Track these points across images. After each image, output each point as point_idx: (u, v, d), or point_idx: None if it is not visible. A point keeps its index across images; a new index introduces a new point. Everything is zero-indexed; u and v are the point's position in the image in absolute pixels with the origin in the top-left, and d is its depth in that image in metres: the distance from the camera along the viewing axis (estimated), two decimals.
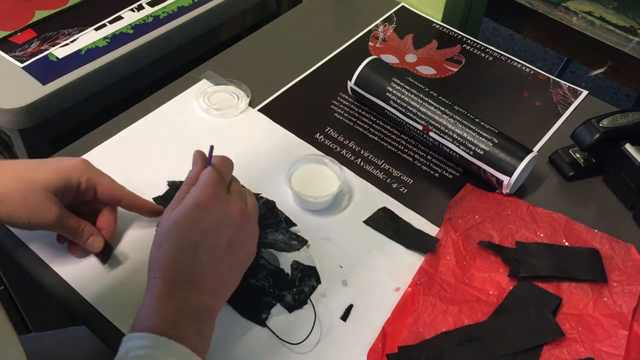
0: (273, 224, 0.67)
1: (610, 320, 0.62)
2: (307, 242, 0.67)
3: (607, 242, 0.69)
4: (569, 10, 0.96)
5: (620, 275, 0.66)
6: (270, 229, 0.67)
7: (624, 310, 0.63)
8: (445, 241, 0.68)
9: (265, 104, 0.83)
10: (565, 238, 0.69)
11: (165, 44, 0.93)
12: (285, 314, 0.61)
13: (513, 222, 0.71)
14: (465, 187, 0.74)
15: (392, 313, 0.62)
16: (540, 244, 0.68)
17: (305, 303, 0.62)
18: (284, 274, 0.63)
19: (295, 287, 0.63)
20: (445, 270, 0.66)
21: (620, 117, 0.74)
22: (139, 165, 0.74)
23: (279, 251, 0.65)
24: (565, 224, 0.71)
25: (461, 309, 0.62)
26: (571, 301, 0.64)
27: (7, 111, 0.79)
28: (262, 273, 0.63)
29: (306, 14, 1.00)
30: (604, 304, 0.64)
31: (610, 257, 0.68)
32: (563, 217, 0.72)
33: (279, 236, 0.66)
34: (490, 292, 0.64)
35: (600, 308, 0.64)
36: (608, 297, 0.64)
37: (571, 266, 0.66)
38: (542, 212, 0.72)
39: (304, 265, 0.64)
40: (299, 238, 0.67)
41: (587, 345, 0.60)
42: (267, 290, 0.62)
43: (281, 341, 0.59)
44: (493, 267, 0.66)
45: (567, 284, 0.65)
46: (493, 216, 0.71)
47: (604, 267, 0.66)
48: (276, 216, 0.68)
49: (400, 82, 0.77)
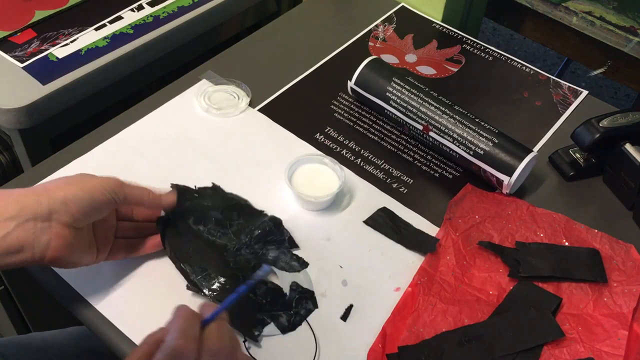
0: (276, 242, 0.66)
1: (610, 320, 0.62)
2: (307, 264, 0.66)
3: (607, 242, 0.69)
4: (569, 10, 0.96)
5: (620, 275, 0.66)
6: (273, 247, 0.66)
7: (624, 310, 0.63)
8: (445, 241, 0.68)
9: (265, 104, 0.83)
10: (565, 238, 0.69)
11: (165, 44, 0.93)
12: (280, 336, 0.60)
13: (513, 222, 0.71)
14: (465, 187, 0.74)
15: (392, 313, 0.62)
16: (540, 244, 0.68)
17: (299, 325, 0.61)
18: (282, 293, 0.62)
19: (292, 308, 0.62)
20: (445, 270, 0.66)
21: (620, 117, 0.74)
22: (139, 165, 0.74)
23: (279, 270, 0.64)
24: (565, 224, 0.71)
25: (461, 309, 0.62)
26: (571, 301, 0.64)
27: (7, 111, 0.79)
28: (261, 289, 0.62)
29: (306, 14, 1.00)
30: (604, 304, 0.64)
31: (610, 257, 0.68)
32: (563, 217, 0.72)
33: (280, 255, 0.66)
34: (491, 292, 0.64)
35: (600, 308, 0.64)
36: (608, 297, 0.64)
37: (571, 266, 0.66)
38: (542, 212, 0.72)
39: (303, 288, 0.63)
40: (299, 260, 0.66)
41: (587, 345, 0.60)
42: (263, 306, 0.61)
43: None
44: (493, 267, 0.66)
45: (567, 284, 0.65)
46: (493, 216, 0.71)
47: (604, 267, 0.66)
48: (281, 234, 0.67)
49: (400, 82, 0.77)
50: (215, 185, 0.71)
